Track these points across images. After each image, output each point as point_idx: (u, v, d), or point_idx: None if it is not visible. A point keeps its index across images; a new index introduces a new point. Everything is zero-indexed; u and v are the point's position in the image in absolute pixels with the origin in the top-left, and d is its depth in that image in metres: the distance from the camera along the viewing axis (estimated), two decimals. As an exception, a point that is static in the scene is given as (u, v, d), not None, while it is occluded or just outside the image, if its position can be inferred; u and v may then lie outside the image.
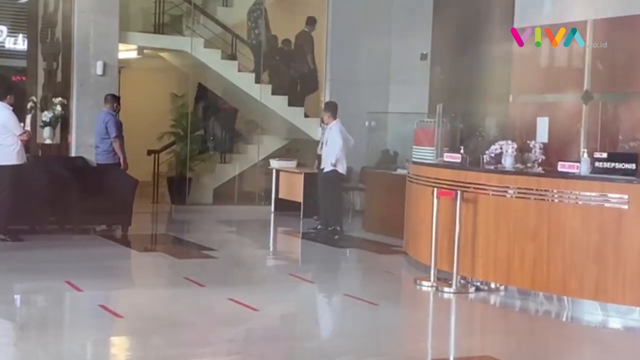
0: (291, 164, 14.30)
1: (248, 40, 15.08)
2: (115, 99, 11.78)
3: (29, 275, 8.31)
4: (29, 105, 12.52)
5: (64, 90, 12.70)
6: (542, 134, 10.14)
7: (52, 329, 6.55)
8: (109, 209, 11.06)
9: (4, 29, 15.20)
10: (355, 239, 11.60)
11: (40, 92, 13.50)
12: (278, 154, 15.13)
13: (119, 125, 11.64)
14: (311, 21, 14.96)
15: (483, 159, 8.80)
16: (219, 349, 6.02)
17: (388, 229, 11.31)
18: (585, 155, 7.88)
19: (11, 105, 10.13)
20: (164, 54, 15.14)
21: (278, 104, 14.66)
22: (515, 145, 8.64)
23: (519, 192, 7.87)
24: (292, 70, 15.24)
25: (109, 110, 11.63)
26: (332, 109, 11.86)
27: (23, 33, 14.84)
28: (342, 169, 11.72)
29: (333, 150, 11.59)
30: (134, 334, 6.49)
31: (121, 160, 11.53)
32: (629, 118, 10.21)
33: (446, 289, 8.13)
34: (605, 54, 10.25)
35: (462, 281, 8.19)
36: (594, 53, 10.36)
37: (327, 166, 11.69)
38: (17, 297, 7.81)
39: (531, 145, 8.97)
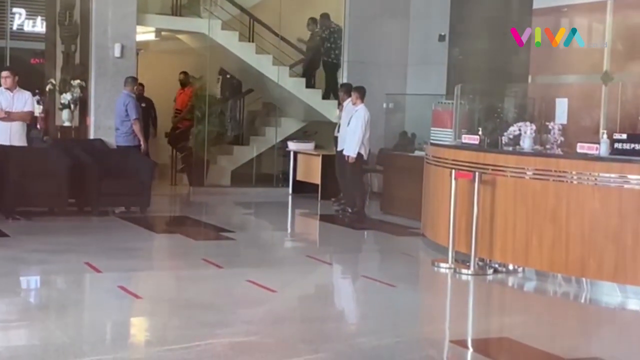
0: (309, 146, 14.28)
1: (327, 60, 14.87)
2: (135, 82, 11.82)
3: (49, 257, 8.35)
4: (48, 87, 12.57)
5: (83, 73, 12.74)
6: (561, 115, 10.06)
7: (72, 310, 6.58)
8: (128, 191, 11.12)
9: (23, 11, 15.22)
10: (373, 220, 11.58)
11: (58, 75, 13.53)
12: (296, 136, 15.11)
13: (138, 108, 11.66)
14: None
15: (501, 140, 8.76)
16: (238, 330, 6.04)
17: (406, 211, 11.29)
18: (605, 136, 7.81)
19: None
20: (181, 36, 15.13)
21: (295, 86, 14.63)
22: (533, 127, 8.58)
23: (537, 174, 7.83)
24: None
25: (129, 93, 11.67)
26: (361, 91, 11.76)
27: (42, 16, 14.86)
28: (364, 151, 11.68)
29: (356, 136, 11.51)
30: (152, 315, 6.53)
31: (141, 143, 11.58)
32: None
33: (464, 271, 8.12)
34: (625, 33, 10.15)
35: (480, 263, 8.18)
36: (614, 33, 10.27)
37: (350, 150, 11.61)
38: (37, 278, 7.88)
39: (550, 127, 8.92)
